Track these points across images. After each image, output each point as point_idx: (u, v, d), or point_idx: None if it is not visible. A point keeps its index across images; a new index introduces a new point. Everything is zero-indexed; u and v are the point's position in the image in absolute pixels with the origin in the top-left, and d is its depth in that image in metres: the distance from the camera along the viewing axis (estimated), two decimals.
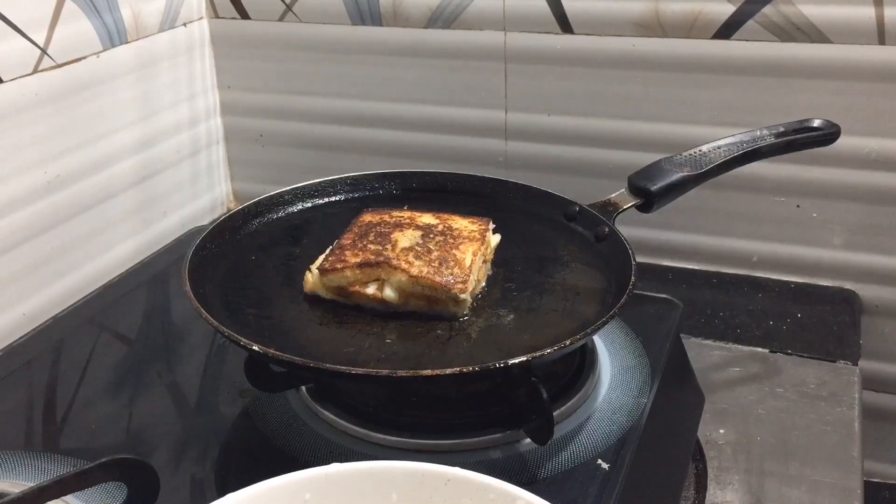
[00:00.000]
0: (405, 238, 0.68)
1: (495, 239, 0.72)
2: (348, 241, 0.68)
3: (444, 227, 0.70)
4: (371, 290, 0.65)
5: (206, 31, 1.10)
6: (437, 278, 0.63)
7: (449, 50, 1.00)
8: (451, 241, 0.68)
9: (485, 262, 0.69)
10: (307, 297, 0.67)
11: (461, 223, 0.71)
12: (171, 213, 1.07)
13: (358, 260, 0.65)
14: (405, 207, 0.74)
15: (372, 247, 0.66)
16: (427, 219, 0.71)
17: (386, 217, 0.71)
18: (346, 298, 0.66)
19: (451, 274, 0.64)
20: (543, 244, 0.74)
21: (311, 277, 0.66)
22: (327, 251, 0.68)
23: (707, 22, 0.89)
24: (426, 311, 0.64)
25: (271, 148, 1.14)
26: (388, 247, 0.66)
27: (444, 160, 1.03)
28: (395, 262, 0.64)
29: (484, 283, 0.68)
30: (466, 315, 0.65)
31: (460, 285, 0.63)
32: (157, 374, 0.75)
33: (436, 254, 0.66)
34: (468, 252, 0.66)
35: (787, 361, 0.83)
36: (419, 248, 0.66)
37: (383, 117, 1.06)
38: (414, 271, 0.64)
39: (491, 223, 0.71)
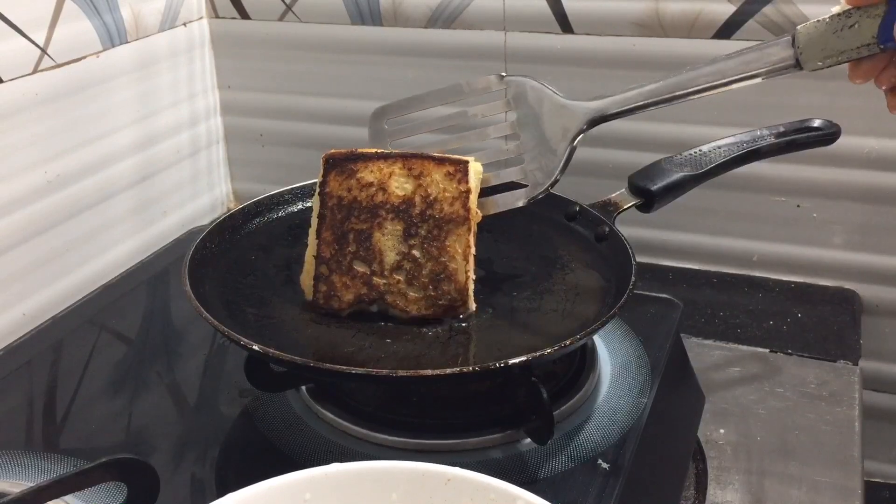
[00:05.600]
0: (387, 242, 0.64)
1: (477, 179, 0.66)
2: (328, 252, 0.64)
3: (422, 198, 0.64)
4: (374, 309, 0.65)
5: (206, 31, 1.10)
6: (437, 312, 0.63)
7: (449, 50, 1.00)
8: (437, 231, 0.63)
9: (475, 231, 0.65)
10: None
11: (438, 181, 0.64)
12: (171, 213, 1.07)
13: (351, 298, 0.64)
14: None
15: (358, 268, 0.64)
16: (400, 183, 0.64)
17: (354, 187, 0.65)
18: None
19: (450, 300, 0.63)
20: (543, 244, 0.74)
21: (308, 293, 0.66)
22: (309, 253, 0.66)
23: (707, 22, 0.89)
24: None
25: (271, 148, 1.14)
26: (376, 266, 0.64)
27: None
28: (389, 299, 0.64)
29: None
30: (473, 314, 0.65)
31: (461, 308, 0.63)
32: (157, 374, 0.75)
33: (427, 269, 0.63)
34: (459, 256, 0.63)
35: (787, 361, 0.83)
36: (408, 264, 0.63)
37: None
38: (413, 311, 0.63)
39: (471, 165, 0.65)
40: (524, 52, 0.97)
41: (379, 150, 0.67)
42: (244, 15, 1.08)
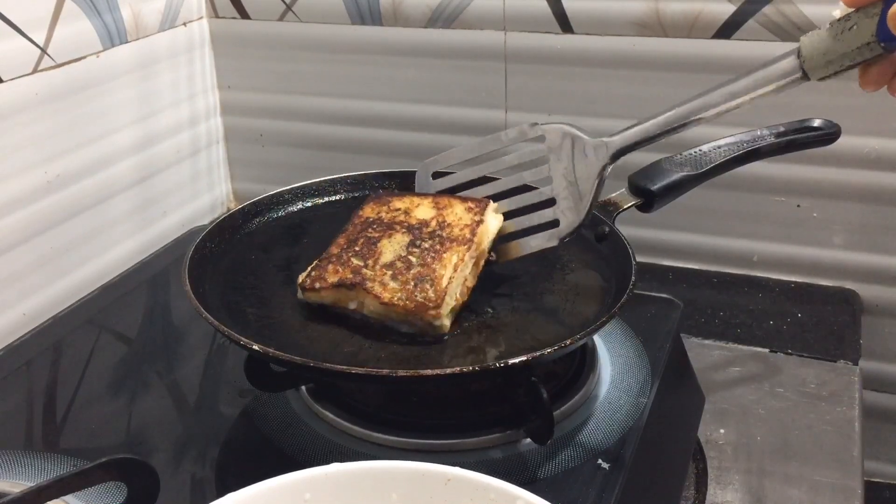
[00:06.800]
0: (391, 247, 0.66)
1: (495, 222, 0.69)
2: (336, 250, 0.66)
3: (438, 222, 0.68)
4: (353, 306, 0.64)
5: (206, 31, 1.10)
6: (409, 304, 0.61)
7: (449, 50, 1.00)
8: (439, 246, 0.65)
9: (475, 262, 0.67)
10: None
11: (457, 212, 0.68)
12: (171, 213, 1.07)
13: (335, 280, 0.64)
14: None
15: (354, 261, 0.65)
16: (424, 210, 0.69)
17: (384, 210, 0.70)
18: (334, 309, 0.65)
19: (425, 298, 0.61)
20: None
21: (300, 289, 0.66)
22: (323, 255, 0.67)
23: (707, 22, 0.89)
24: (409, 329, 0.63)
25: (271, 148, 1.14)
26: (370, 261, 0.65)
27: None
28: (368, 285, 0.63)
29: (474, 283, 0.66)
30: (447, 335, 0.63)
31: (433, 311, 0.61)
32: (157, 374, 0.75)
33: (415, 270, 0.63)
34: (450, 265, 0.64)
35: (787, 361, 0.83)
36: (400, 264, 0.64)
37: (383, 117, 1.06)
38: (386, 297, 0.62)
39: (491, 205, 0.69)
40: (524, 52, 0.97)
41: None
42: (244, 15, 1.08)
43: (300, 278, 0.66)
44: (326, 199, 0.81)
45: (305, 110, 1.10)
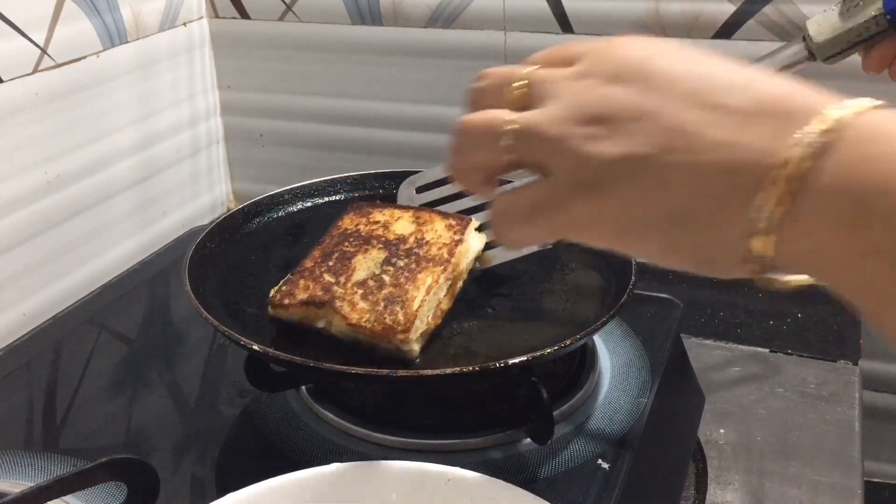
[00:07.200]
0: (365, 264, 0.64)
1: (476, 242, 0.67)
2: (310, 264, 0.65)
3: (416, 239, 0.66)
4: (321, 324, 0.62)
5: (206, 31, 1.10)
6: (377, 327, 0.59)
7: (449, 50, 1.00)
8: (414, 265, 0.63)
9: (451, 284, 0.65)
10: None
11: (437, 230, 0.67)
12: (171, 213, 1.07)
13: (305, 297, 0.62)
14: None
15: (326, 277, 0.63)
16: (403, 224, 0.67)
17: (363, 223, 0.68)
18: (301, 327, 0.63)
19: (394, 321, 0.59)
20: None
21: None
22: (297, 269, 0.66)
23: (707, 22, 0.89)
24: (376, 350, 0.61)
25: (271, 148, 1.14)
26: (342, 278, 0.63)
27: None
28: (337, 304, 0.61)
29: (449, 306, 0.64)
30: (417, 359, 0.60)
31: (401, 336, 0.59)
32: (157, 374, 0.75)
33: (386, 290, 0.61)
34: (423, 286, 0.62)
35: (787, 361, 0.83)
36: (372, 282, 0.62)
37: (383, 117, 1.06)
38: (354, 318, 0.60)
39: (473, 223, 0.67)
40: (524, 52, 0.96)
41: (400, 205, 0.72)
42: (244, 15, 1.08)
43: (272, 292, 0.64)
44: (326, 199, 0.81)
45: (305, 110, 1.10)
